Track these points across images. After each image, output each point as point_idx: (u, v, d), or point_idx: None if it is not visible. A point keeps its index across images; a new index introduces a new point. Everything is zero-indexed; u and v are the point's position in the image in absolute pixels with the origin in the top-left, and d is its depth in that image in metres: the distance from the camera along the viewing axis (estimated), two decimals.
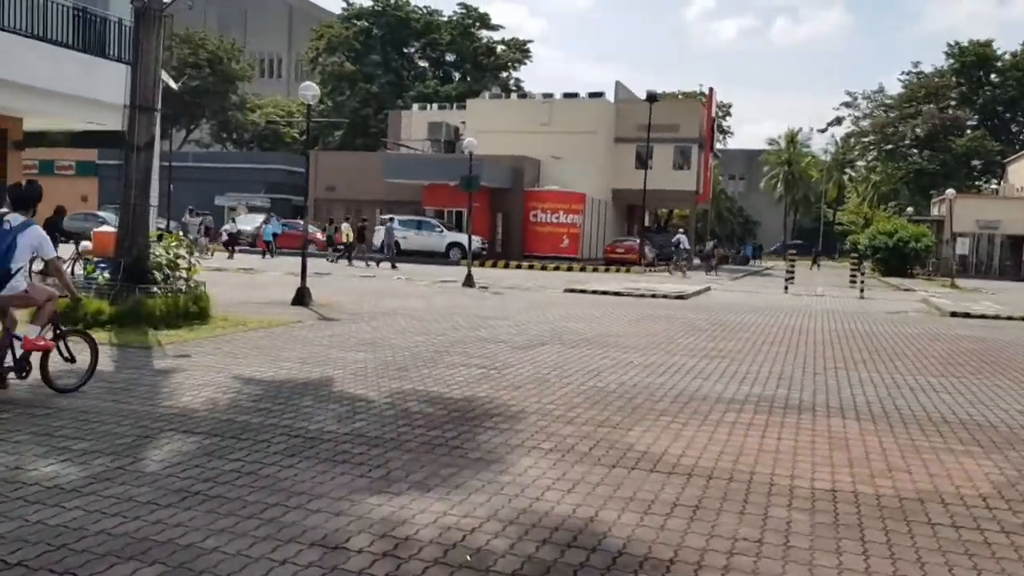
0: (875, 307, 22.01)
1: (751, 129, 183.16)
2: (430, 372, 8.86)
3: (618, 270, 35.81)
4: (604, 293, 22.08)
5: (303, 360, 9.32)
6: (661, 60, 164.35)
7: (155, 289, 11.43)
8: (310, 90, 15.50)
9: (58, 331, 7.25)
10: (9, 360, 6.83)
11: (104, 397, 7.04)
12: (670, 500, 4.96)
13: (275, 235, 37.93)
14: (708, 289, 25.86)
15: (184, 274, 11.95)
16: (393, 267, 30.86)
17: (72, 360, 7.35)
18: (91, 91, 19.39)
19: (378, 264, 31.50)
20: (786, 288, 27.17)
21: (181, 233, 23.35)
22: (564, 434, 6.43)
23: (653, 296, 21.77)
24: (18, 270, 6.70)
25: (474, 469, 5.39)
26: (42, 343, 7.01)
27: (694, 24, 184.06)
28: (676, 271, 35.28)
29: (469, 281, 22.79)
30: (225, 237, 37.22)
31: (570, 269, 35.69)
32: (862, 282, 26.78)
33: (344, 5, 65.49)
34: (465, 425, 6.56)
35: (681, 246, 36.55)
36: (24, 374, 6.93)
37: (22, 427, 6.00)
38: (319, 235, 40.06)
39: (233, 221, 40.52)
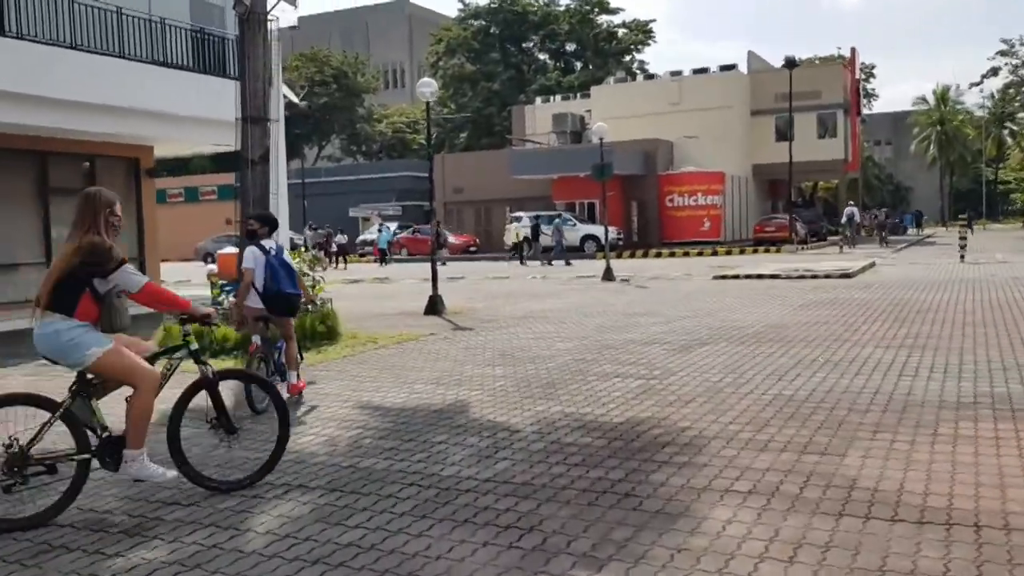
0: None
1: (893, 91, 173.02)
2: (580, 388, 7.65)
3: (767, 250, 33.57)
4: (759, 277, 20.26)
5: (437, 380, 8.30)
6: (790, 30, 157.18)
7: None
8: (428, 87, 14.62)
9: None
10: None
11: (215, 443, 6.18)
12: (937, 572, 3.54)
13: (390, 243, 37.88)
14: (873, 264, 23.48)
15: (310, 292, 11.21)
16: (567, 264, 30.04)
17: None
18: (215, 112, 19.24)
19: (551, 263, 30.64)
20: (962, 257, 24.38)
21: (303, 248, 23.24)
22: (761, 467, 5.06)
23: (815, 277, 19.78)
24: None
25: (655, 529, 4.13)
26: (303, 385, 7.72)
27: None
28: (846, 245, 33.92)
29: (608, 275, 21.47)
30: (334, 248, 37.25)
31: (715, 253, 33.71)
32: None
33: (460, 6, 65.29)
34: (633, 460, 5.30)
35: (855, 219, 34.84)
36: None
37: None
38: (451, 238, 39.67)
39: (341, 232, 40.52)
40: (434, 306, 14.71)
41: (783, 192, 50.09)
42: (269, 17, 11.27)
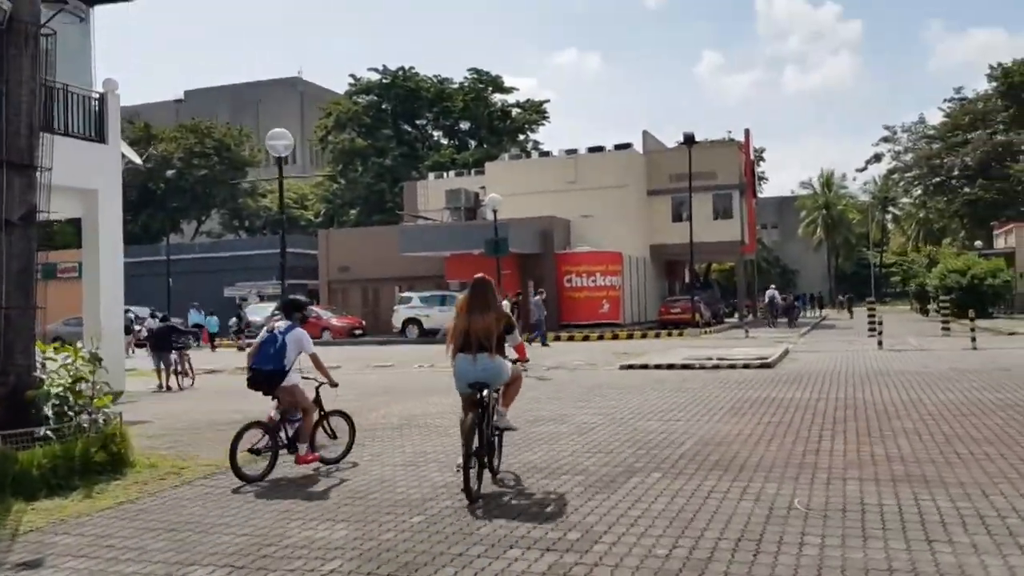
0: (1014, 358, 17.76)
1: (776, 177, 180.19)
2: (454, 572, 4.88)
3: (670, 333, 31.74)
4: (670, 367, 18.04)
5: (238, 553, 5.40)
6: (677, 119, 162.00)
7: (44, 432, 7.61)
8: (281, 139, 11.94)
9: (322, 412, 8.48)
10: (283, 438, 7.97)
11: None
12: None
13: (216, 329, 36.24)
14: (787, 352, 21.67)
15: (90, 404, 8.15)
16: (544, 345, 27.46)
17: (334, 437, 8.60)
18: None
19: (543, 342, 27.85)
20: (879, 343, 22.90)
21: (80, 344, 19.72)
22: None
23: (732, 367, 17.69)
24: (290, 367, 7.90)
25: None
26: (311, 458, 8.00)
27: (706, 81, 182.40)
28: (777, 326, 33.32)
29: None
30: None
31: (616, 337, 31.65)
32: (972, 328, 22.44)
33: (351, 81, 63.26)
34: None
35: (776, 301, 33.98)
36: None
37: None
38: (334, 320, 36.50)
39: (211, 314, 37.69)
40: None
41: (680, 273, 49.11)
42: (45, 31, 8.44)
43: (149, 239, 57.97)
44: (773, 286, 38.08)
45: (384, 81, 62.42)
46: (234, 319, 38.56)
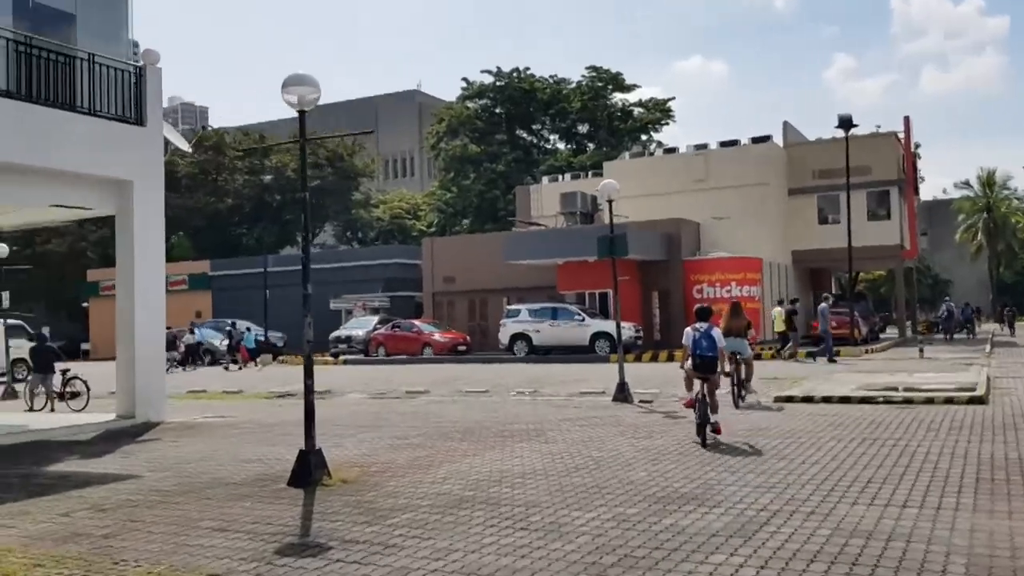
0: None
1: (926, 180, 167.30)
2: None
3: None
4: (843, 400, 13.67)
5: None
6: (806, 126, 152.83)
7: None
8: (300, 84, 8.52)
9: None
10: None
11: None
12: None
13: (259, 342, 34.83)
14: (988, 379, 16.72)
15: None
16: (831, 360, 23.74)
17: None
18: (51, 158, 13.31)
19: (829, 358, 24.03)
20: None
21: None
22: None
23: (929, 400, 13.18)
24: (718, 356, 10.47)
25: None
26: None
27: (836, 86, 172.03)
28: (954, 343, 28.65)
29: (622, 392, 14.95)
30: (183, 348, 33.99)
31: (758, 356, 26.99)
32: None
33: (464, 85, 60.54)
34: None
35: (955, 315, 29.41)
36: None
37: None
38: (436, 336, 33.28)
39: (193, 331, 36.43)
40: (306, 468, 8.23)
41: (824, 283, 43.62)
42: None
43: (265, 252, 57.08)
44: (948, 296, 32.69)
45: (498, 84, 59.39)
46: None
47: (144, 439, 12.38)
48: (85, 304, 50.14)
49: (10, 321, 24.35)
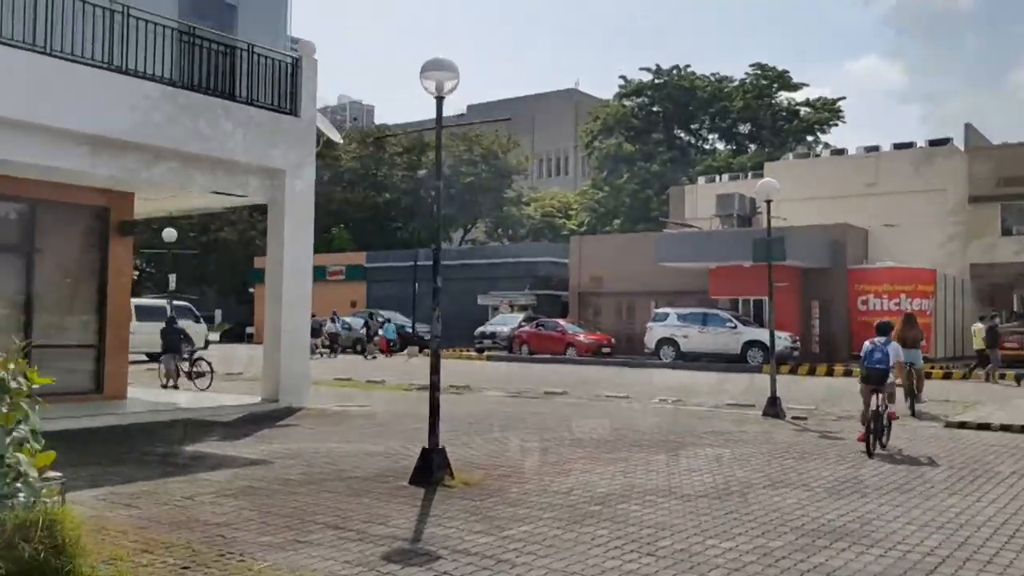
0: None
1: None
2: None
3: (1002, 375, 24.45)
4: None
5: None
6: (993, 129, 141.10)
7: None
8: (439, 70, 8.18)
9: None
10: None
11: None
12: None
13: (398, 333, 35.78)
14: None
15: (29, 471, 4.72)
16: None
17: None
18: (211, 146, 13.73)
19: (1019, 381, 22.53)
20: None
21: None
22: None
23: None
24: (890, 369, 10.41)
25: None
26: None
27: None
28: None
29: (774, 407, 13.94)
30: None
31: (928, 375, 24.90)
32: None
33: (621, 83, 59.63)
34: None
35: None
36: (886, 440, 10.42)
37: None
38: (581, 337, 32.77)
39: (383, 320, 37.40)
40: (428, 467, 7.92)
41: (1005, 300, 40.01)
42: None
43: (417, 246, 58.47)
44: None
45: (656, 81, 58.16)
46: (484, 328, 36.31)
47: (283, 424, 12.53)
48: (251, 289, 52.85)
49: (177, 302, 25.68)
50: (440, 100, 8.43)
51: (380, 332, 34.67)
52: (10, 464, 4.53)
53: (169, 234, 21.19)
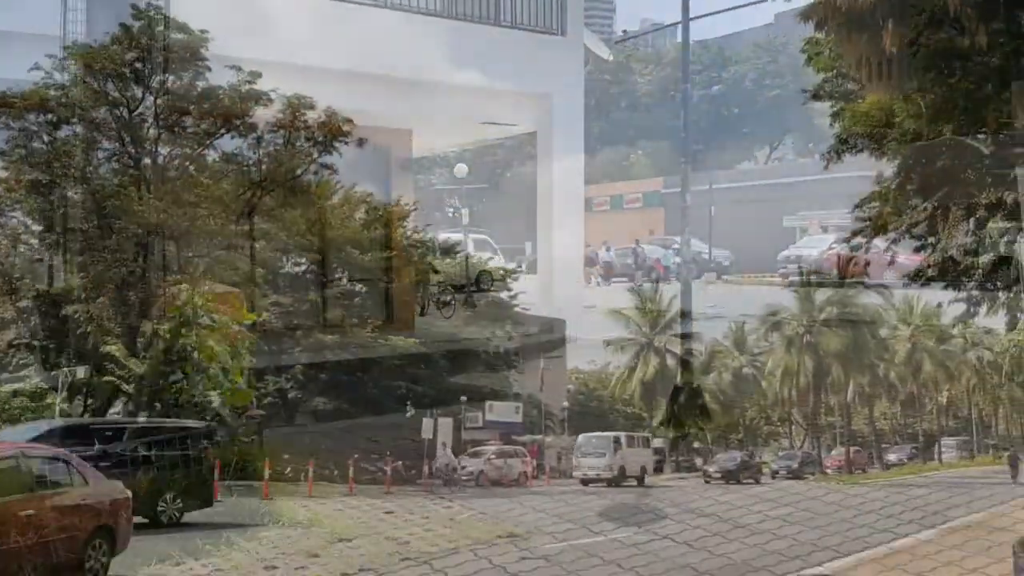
0: None
1: None
2: None
3: None
4: None
5: None
6: None
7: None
8: None
9: None
10: None
11: None
12: None
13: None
14: None
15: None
16: None
17: None
18: (477, 75, 13.66)
19: None
20: None
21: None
22: None
23: None
24: None
25: None
26: None
27: None
28: None
29: None
30: None
31: None
32: None
33: None
34: None
35: None
36: None
37: None
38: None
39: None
40: None
41: None
42: None
43: (721, 168, 56.37)
44: None
45: None
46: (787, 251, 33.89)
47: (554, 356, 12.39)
48: None
49: (474, 235, 26.72)
50: None
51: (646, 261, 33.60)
52: (199, 403, 4.48)
53: (460, 169, 21.93)
